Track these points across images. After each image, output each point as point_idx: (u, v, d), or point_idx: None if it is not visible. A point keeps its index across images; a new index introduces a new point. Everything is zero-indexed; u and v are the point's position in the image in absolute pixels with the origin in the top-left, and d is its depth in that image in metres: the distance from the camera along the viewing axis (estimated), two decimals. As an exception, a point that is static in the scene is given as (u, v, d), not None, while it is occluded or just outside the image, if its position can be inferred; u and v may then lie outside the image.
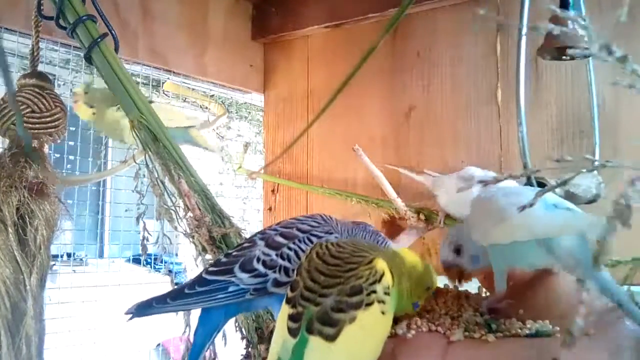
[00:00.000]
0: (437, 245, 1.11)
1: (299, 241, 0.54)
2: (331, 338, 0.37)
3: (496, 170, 1.08)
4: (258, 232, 0.59)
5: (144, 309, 0.54)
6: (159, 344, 2.19)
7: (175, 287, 0.58)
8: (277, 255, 0.53)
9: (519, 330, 0.41)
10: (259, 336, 0.69)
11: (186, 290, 0.53)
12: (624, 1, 0.32)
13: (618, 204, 0.27)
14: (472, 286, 0.56)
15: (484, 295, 0.54)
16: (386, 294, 0.39)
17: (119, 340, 1.80)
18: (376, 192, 1.15)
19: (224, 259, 0.55)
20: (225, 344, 0.72)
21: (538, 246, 0.43)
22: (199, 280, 0.54)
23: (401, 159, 1.21)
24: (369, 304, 0.38)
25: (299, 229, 0.56)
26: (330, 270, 0.41)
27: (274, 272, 0.52)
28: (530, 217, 0.40)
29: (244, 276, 0.52)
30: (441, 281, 0.56)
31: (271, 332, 0.68)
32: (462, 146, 1.13)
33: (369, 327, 0.38)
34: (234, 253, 0.55)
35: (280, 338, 0.39)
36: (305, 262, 0.43)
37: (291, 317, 0.39)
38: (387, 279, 0.40)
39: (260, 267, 0.53)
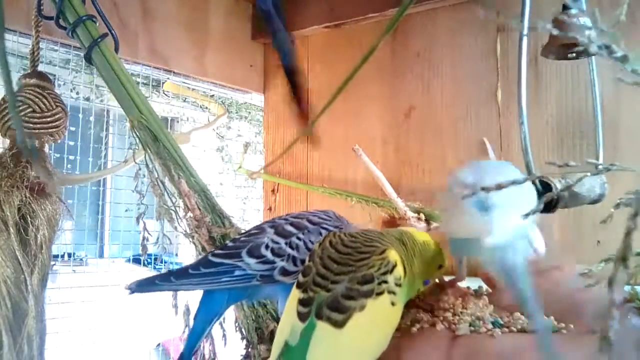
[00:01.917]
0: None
1: (309, 232, 0.54)
2: (339, 324, 0.36)
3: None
4: (267, 221, 0.58)
5: (145, 285, 0.52)
6: (159, 344, 2.19)
7: (179, 267, 0.56)
8: (286, 243, 0.52)
9: (526, 326, 0.41)
10: (259, 336, 0.68)
11: (190, 271, 0.52)
12: (624, 0, 0.32)
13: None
14: (471, 284, 0.56)
15: (485, 292, 0.54)
16: (397, 285, 0.39)
17: (119, 340, 1.80)
18: (376, 192, 1.15)
19: (230, 243, 0.54)
20: (225, 344, 0.72)
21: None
22: (204, 262, 0.53)
23: (401, 159, 1.21)
24: (380, 294, 0.38)
25: (309, 221, 0.55)
26: (342, 259, 0.41)
27: (282, 260, 0.51)
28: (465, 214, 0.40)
29: (252, 261, 0.51)
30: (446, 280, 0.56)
31: (271, 333, 0.68)
32: (462, 146, 1.13)
33: (378, 316, 0.38)
34: (242, 238, 0.54)
35: (289, 323, 0.38)
36: (319, 250, 0.43)
37: (301, 302, 0.39)
38: (399, 271, 0.40)
39: (268, 254, 0.52)
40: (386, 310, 0.38)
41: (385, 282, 0.39)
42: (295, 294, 0.40)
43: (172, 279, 0.52)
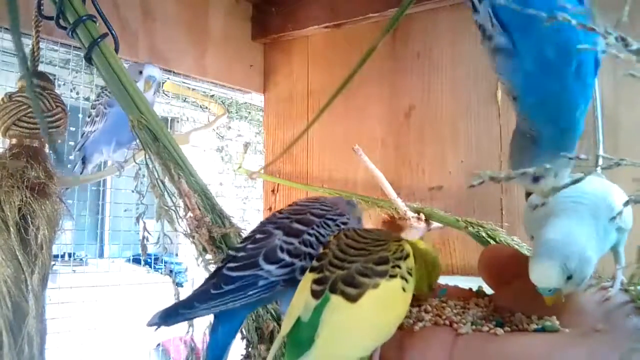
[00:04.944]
0: (437, 245, 1.11)
1: (317, 226, 0.53)
2: (353, 299, 0.37)
3: (496, 170, 1.08)
4: (267, 222, 0.55)
5: (169, 317, 0.49)
6: (159, 344, 2.19)
7: (197, 289, 0.53)
8: (299, 242, 0.51)
9: (527, 325, 0.41)
10: (259, 336, 0.69)
11: (212, 291, 0.49)
12: (624, 1, 0.32)
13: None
14: (471, 284, 0.56)
15: (487, 293, 0.54)
16: (409, 273, 0.40)
17: (119, 340, 1.80)
18: (376, 192, 1.15)
19: (241, 253, 0.52)
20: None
21: None
22: (223, 279, 0.50)
23: (401, 159, 1.21)
24: (393, 276, 0.39)
25: (313, 214, 0.54)
26: (360, 245, 0.42)
27: (300, 260, 0.50)
28: None
29: (271, 268, 0.50)
30: (446, 280, 0.56)
31: (271, 332, 0.68)
32: (462, 146, 1.13)
33: (389, 298, 0.38)
34: (249, 246, 0.52)
35: (302, 300, 0.39)
36: (334, 240, 0.44)
37: (316, 281, 0.39)
38: (411, 261, 0.41)
39: (286, 257, 0.50)
40: (397, 294, 0.39)
41: (399, 267, 0.40)
42: (309, 276, 0.41)
43: (196, 304, 0.49)
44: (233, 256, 0.52)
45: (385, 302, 0.38)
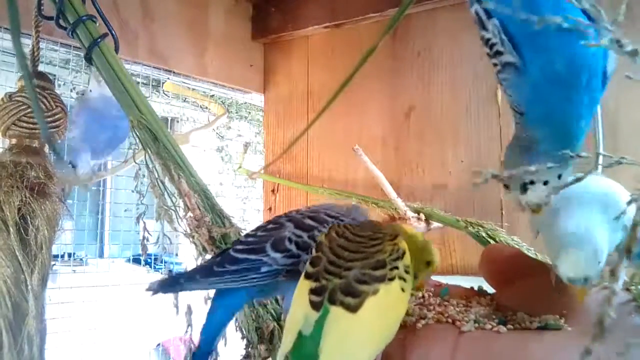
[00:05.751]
0: (437, 246, 1.12)
1: (329, 225, 0.53)
2: (353, 309, 0.36)
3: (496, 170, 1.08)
4: (282, 216, 0.56)
5: (169, 285, 0.50)
6: (159, 344, 2.19)
7: (201, 264, 0.53)
8: (308, 237, 0.51)
9: (529, 323, 0.41)
10: (259, 336, 0.68)
11: (215, 268, 0.49)
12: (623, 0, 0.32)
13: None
14: (472, 284, 0.56)
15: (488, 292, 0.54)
16: (406, 272, 0.40)
17: (119, 340, 1.80)
18: (376, 192, 1.15)
19: (250, 238, 0.52)
20: (225, 344, 0.72)
21: None
22: (228, 259, 0.50)
23: (401, 159, 1.21)
24: (391, 279, 0.38)
25: (326, 214, 0.54)
26: (354, 246, 0.41)
27: (307, 253, 0.49)
28: None
29: (277, 256, 0.50)
30: (447, 280, 0.56)
31: (271, 332, 0.68)
32: (462, 146, 1.13)
33: (390, 301, 0.38)
34: (259, 233, 0.53)
35: (301, 313, 0.38)
36: (325, 240, 0.43)
37: (314, 291, 0.38)
38: (408, 259, 0.41)
39: (293, 248, 0.50)
40: (397, 296, 0.39)
41: (396, 268, 0.39)
42: (305, 284, 0.40)
43: (198, 277, 0.49)
44: (243, 240, 0.53)
45: (386, 307, 0.38)
